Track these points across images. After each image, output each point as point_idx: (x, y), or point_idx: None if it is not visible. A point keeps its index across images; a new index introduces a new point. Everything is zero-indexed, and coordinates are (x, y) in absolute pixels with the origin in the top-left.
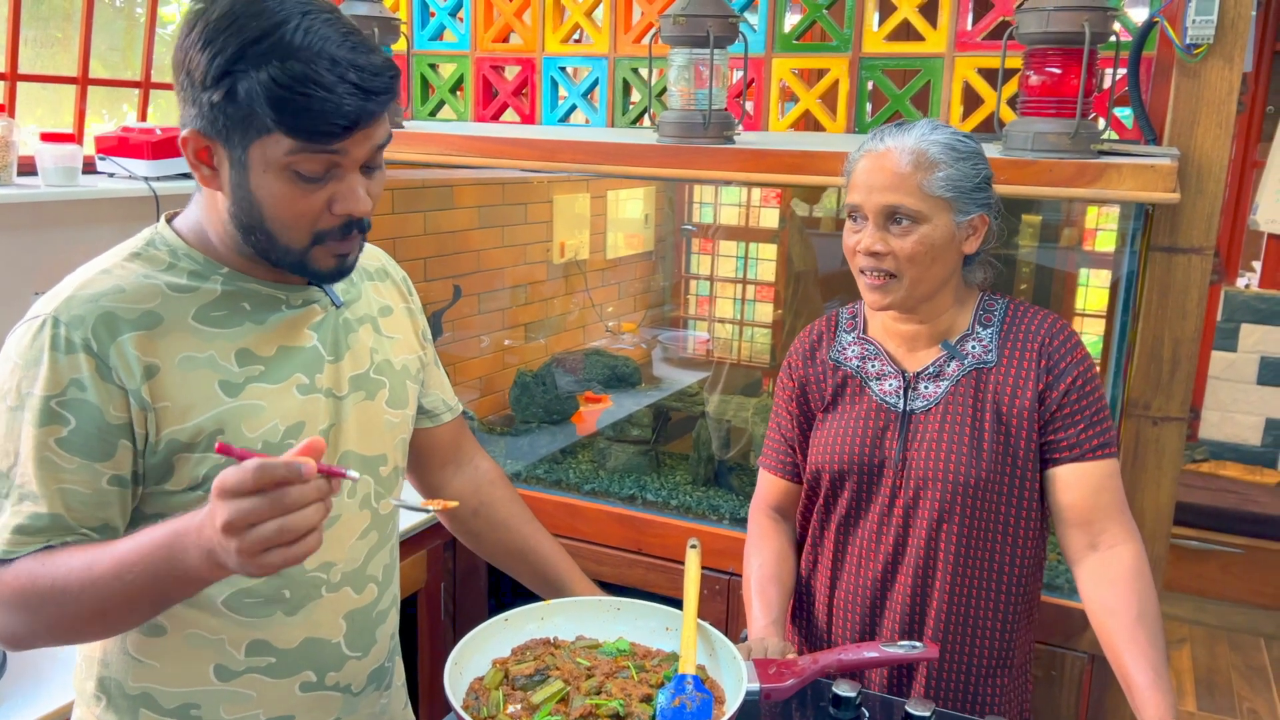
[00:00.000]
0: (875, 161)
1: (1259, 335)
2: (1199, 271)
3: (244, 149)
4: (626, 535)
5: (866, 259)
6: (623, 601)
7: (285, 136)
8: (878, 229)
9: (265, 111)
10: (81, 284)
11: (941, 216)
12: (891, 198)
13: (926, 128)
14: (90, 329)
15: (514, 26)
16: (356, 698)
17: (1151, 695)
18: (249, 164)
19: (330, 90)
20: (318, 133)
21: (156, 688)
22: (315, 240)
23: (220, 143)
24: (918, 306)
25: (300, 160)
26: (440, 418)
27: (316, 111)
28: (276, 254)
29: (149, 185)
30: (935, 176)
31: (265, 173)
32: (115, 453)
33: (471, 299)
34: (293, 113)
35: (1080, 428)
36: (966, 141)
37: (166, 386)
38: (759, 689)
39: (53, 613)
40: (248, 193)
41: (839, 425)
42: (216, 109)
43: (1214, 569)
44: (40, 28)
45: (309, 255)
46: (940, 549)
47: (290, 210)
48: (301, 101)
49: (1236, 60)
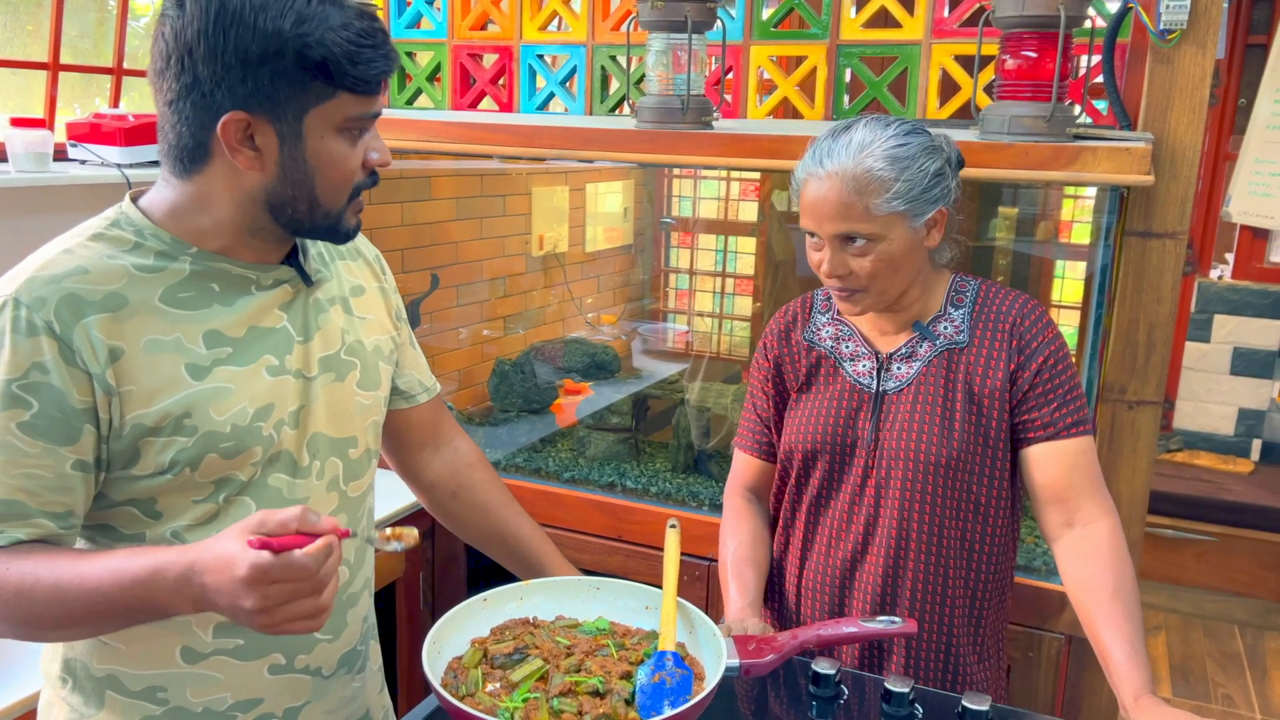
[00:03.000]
0: (819, 186)
1: (1232, 326)
2: (1173, 256)
3: (300, 118)
4: (606, 522)
5: (831, 280)
6: (602, 581)
7: (349, 95)
8: (835, 252)
9: (339, 71)
10: (42, 264)
11: (897, 229)
12: (841, 226)
13: (867, 135)
14: (53, 311)
15: (491, 14)
16: (327, 681)
17: (1128, 670)
18: (305, 133)
19: (374, 37)
20: (374, 82)
21: (122, 670)
22: (351, 196)
23: (269, 118)
24: (889, 306)
25: (356, 120)
26: (416, 398)
27: (370, 60)
28: (314, 220)
29: (122, 172)
30: (882, 198)
31: (324, 138)
32: (79, 437)
33: (450, 291)
34: (361, 63)
35: (1053, 407)
36: (909, 142)
37: (132, 370)
38: (738, 665)
39: (15, 618)
40: (301, 163)
41: (812, 406)
42: (277, 80)
43: (1188, 557)
44: (10, 13)
45: (344, 214)
46: (912, 529)
47: (343, 170)
48: (368, 53)
49: (1209, 46)
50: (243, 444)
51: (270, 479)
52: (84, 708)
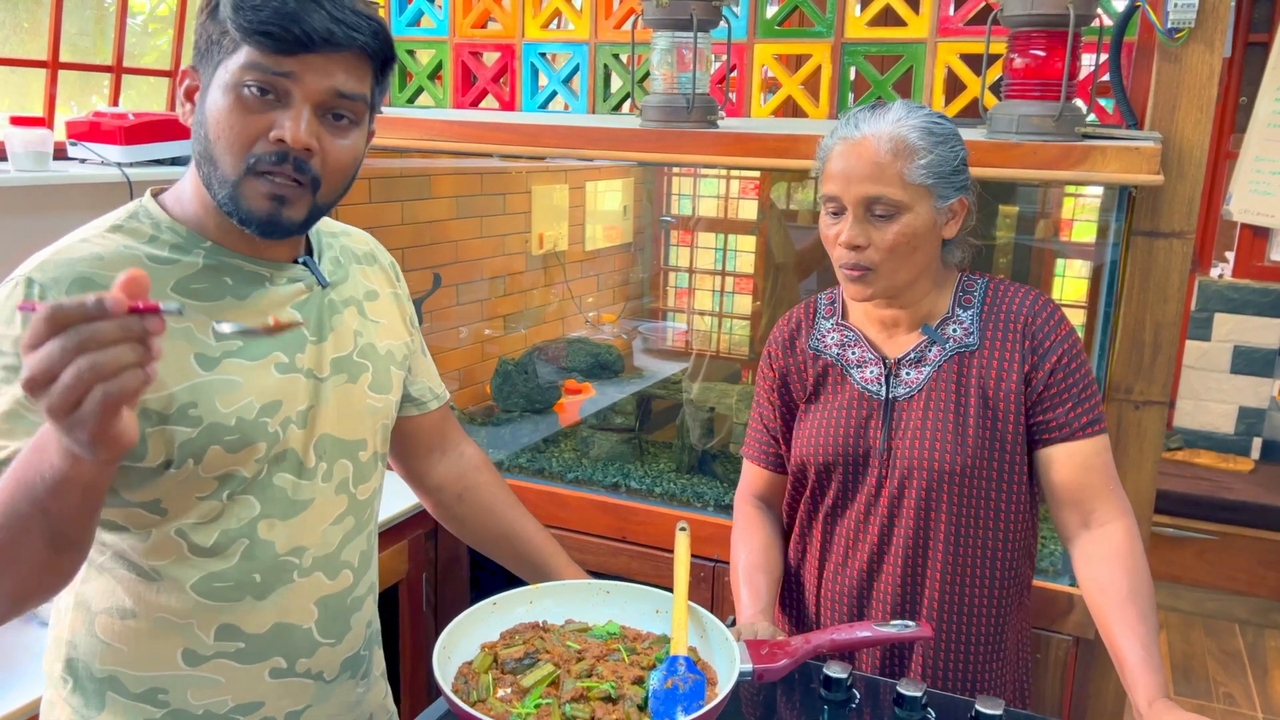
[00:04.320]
0: (852, 149)
1: (1232, 324)
2: (1180, 256)
3: (213, 71)
4: (611, 523)
5: (846, 252)
6: (612, 585)
7: (243, 45)
8: (857, 221)
9: (228, 15)
10: (59, 250)
11: (922, 205)
12: (872, 188)
13: (902, 110)
14: (65, 289)
15: (493, 12)
16: (329, 685)
17: (1142, 673)
18: (212, 84)
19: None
20: (269, 38)
21: (124, 671)
22: (249, 169)
23: (201, 71)
24: (899, 294)
25: (250, 74)
26: (426, 405)
27: (273, 10)
28: (216, 185)
29: (122, 171)
30: (916, 164)
31: (220, 90)
32: None
33: (450, 289)
34: (250, 11)
35: (1069, 406)
36: (943, 123)
37: None
38: (751, 670)
39: None
40: (204, 114)
41: (822, 416)
42: (202, 29)
43: (1189, 556)
44: (9, 11)
45: (241, 188)
46: (929, 537)
47: (229, 127)
48: (265, 1)
49: (1217, 45)
50: (247, 438)
51: (275, 478)
52: (85, 709)
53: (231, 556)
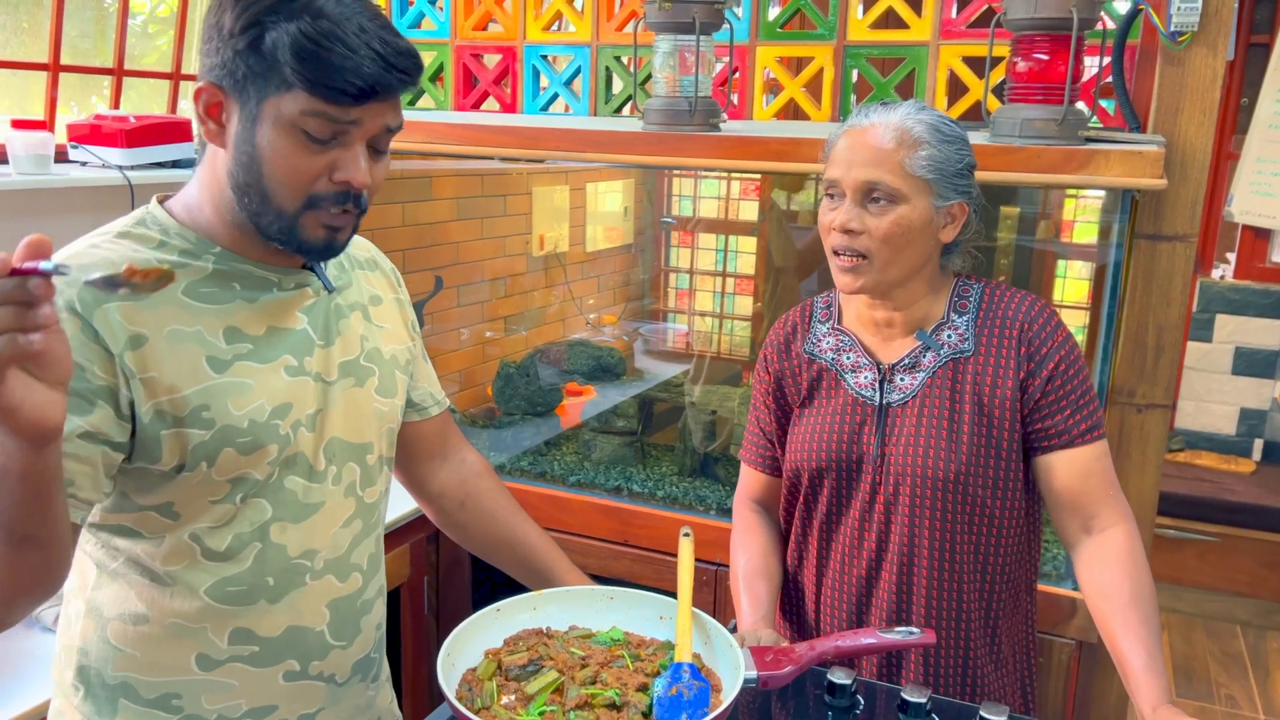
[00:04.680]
0: (858, 137)
1: (1234, 326)
2: (1183, 259)
3: (259, 102)
4: (613, 527)
5: (840, 237)
6: (616, 591)
7: (303, 93)
8: (855, 205)
9: (288, 63)
10: (69, 255)
11: (920, 198)
12: (871, 173)
13: (913, 107)
14: (76, 294)
15: (494, 14)
16: (341, 688)
17: (1145, 678)
18: (260, 117)
19: (354, 51)
20: (335, 90)
21: (137, 677)
22: (308, 204)
23: (234, 96)
24: (890, 291)
25: (312, 121)
26: (428, 411)
27: (337, 68)
28: (268, 217)
29: (123, 174)
30: (918, 155)
31: (274, 127)
32: (92, 410)
33: (451, 291)
34: (315, 67)
35: (1067, 414)
36: (952, 126)
37: (153, 357)
38: (756, 677)
39: None
40: (252, 147)
41: (816, 421)
42: (240, 58)
43: (1190, 557)
44: (10, 13)
45: (299, 221)
46: (923, 542)
47: (288, 167)
48: (325, 57)
49: (1220, 48)
50: (259, 440)
51: (286, 481)
52: (97, 717)
53: (245, 560)
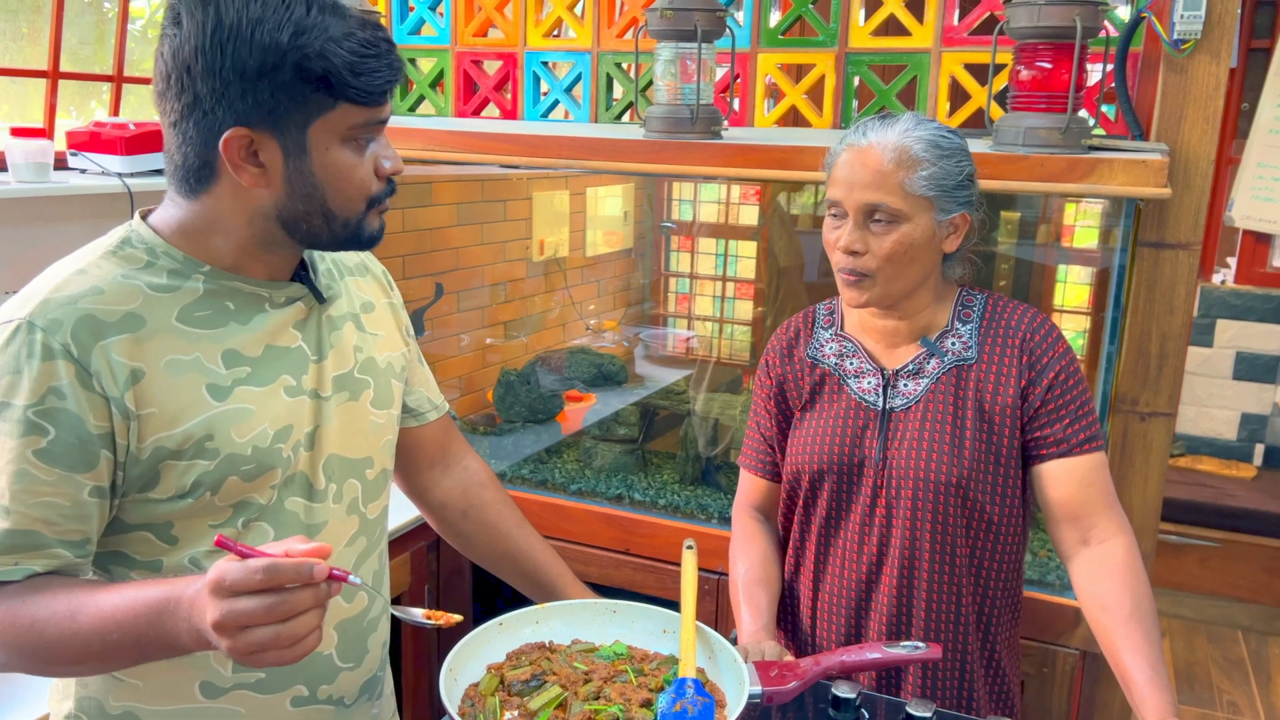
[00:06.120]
0: (857, 157)
1: (1235, 331)
2: (1186, 267)
3: (303, 131)
4: (614, 535)
5: (844, 257)
6: (619, 604)
7: (351, 105)
8: (857, 227)
9: (342, 80)
10: (56, 285)
11: (922, 216)
12: (872, 196)
13: (910, 122)
14: (69, 333)
15: (495, 20)
16: (349, 709)
17: (1150, 692)
18: (309, 146)
19: (377, 47)
20: (376, 94)
21: (139, 707)
22: (369, 206)
23: (272, 133)
24: (896, 303)
25: (361, 130)
26: (425, 416)
27: (374, 72)
28: (331, 232)
29: (123, 181)
30: (918, 175)
31: (329, 150)
32: (97, 463)
33: (451, 297)
34: (362, 78)
35: (1065, 423)
36: (951, 138)
37: (153, 391)
38: (760, 692)
39: (29, 652)
40: (310, 176)
41: (817, 425)
42: (277, 93)
43: (1192, 563)
44: (9, 20)
45: (363, 222)
46: (924, 548)
47: (353, 181)
48: (364, 65)
49: (1223, 56)
50: (263, 465)
51: (287, 503)
52: None
53: None
